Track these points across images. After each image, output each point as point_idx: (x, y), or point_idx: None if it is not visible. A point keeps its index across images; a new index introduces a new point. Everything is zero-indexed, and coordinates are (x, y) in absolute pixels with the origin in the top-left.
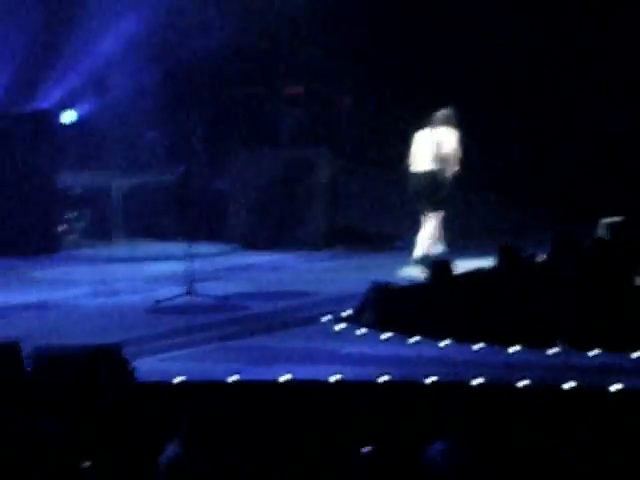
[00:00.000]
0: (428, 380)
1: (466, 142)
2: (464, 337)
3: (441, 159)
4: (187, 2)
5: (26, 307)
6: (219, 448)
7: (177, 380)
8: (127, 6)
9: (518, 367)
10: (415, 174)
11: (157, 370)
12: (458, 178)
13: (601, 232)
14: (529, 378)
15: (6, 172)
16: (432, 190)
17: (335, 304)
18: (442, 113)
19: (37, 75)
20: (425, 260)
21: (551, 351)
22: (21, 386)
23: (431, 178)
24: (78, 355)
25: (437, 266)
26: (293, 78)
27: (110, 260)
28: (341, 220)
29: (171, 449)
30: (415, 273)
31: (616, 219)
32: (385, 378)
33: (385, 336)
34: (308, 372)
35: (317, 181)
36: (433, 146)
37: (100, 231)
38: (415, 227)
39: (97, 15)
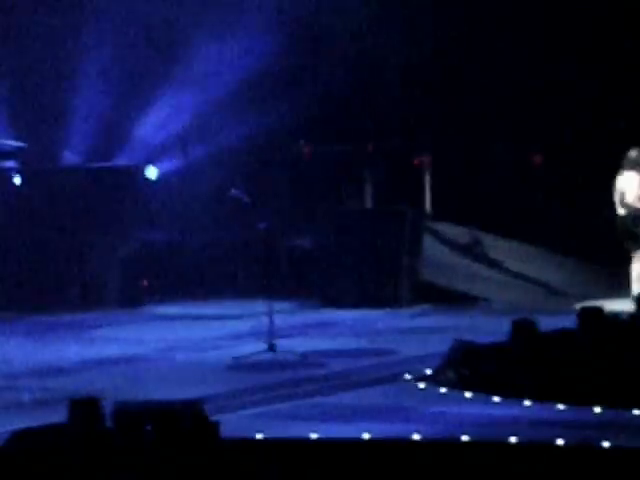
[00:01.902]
0: (512, 440)
1: None
2: (547, 397)
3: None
4: (276, 56)
5: (108, 362)
6: None
7: (258, 437)
8: (210, 66)
9: (602, 427)
10: (620, 215)
11: (237, 427)
12: None
13: None
14: (613, 439)
15: (89, 226)
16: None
17: (417, 362)
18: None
19: (123, 131)
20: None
21: (637, 412)
22: (102, 442)
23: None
24: (159, 410)
25: (518, 325)
26: (376, 135)
27: (190, 316)
28: (425, 278)
29: None
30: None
31: None
32: (466, 437)
33: (467, 395)
34: (388, 430)
35: (401, 238)
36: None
37: (179, 286)
38: (499, 289)
39: (184, 75)
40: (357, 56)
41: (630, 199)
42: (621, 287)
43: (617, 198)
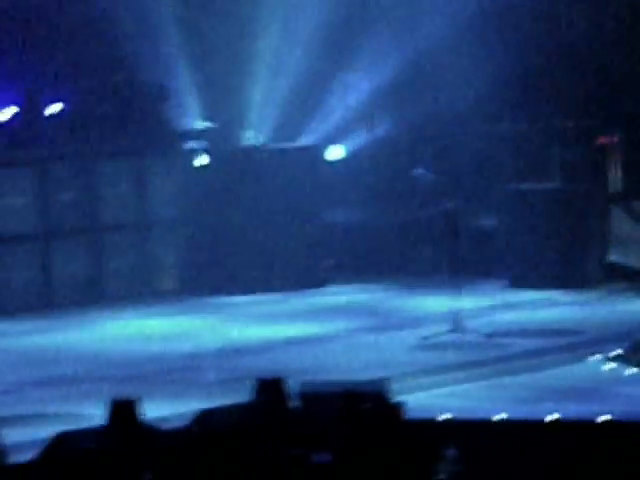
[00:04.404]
0: None
1: None
2: None
3: None
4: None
5: (295, 341)
6: None
7: (443, 417)
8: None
9: None
10: None
11: (422, 407)
12: None
13: None
14: None
15: (272, 205)
16: None
17: (606, 343)
18: None
19: (306, 110)
20: None
21: None
22: (286, 422)
23: None
24: (344, 391)
25: None
26: (558, 112)
27: (374, 294)
28: (613, 258)
29: None
30: None
31: None
32: None
33: None
34: (576, 411)
35: (588, 218)
36: None
37: (362, 267)
38: None
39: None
40: (543, 35)
41: None
42: None
43: None
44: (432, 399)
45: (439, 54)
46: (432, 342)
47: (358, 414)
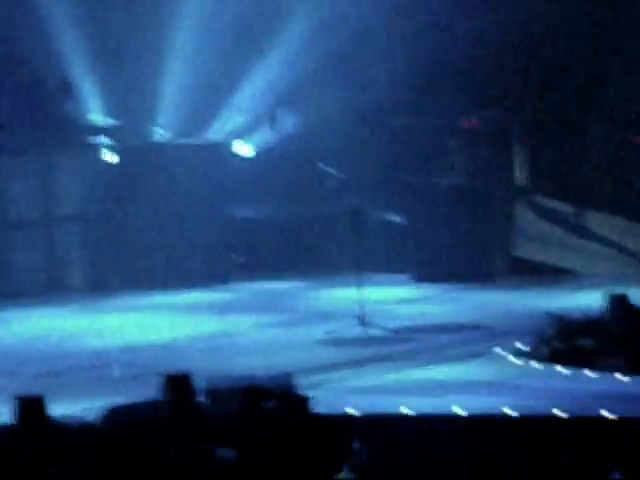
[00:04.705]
0: (605, 414)
1: None
2: None
3: None
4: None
5: (201, 338)
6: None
7: (349, 412)
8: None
9: None
10: None
11: (327, 402)
12: None
13: None
14: None
15: (180, 202)
16: None
17: (510, 337)
18: None
19: (213, 106)
20: None
21: None
22: (193, 418)
23: None
24: (249, 387)
25: (615, 299)
26: (468, 108)
27: (279, 290)
28: (519, 252)
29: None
30: None
31: None
32: (559, 412)
33: (560, 370)
34: (480, 405)
35: (493, 213)
36: None
37: (269, 263)
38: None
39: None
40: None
41: None
42: None
43: None
44: (337, 394)
45: (344, 49)
46: (337, 337)
47: (263, 410)
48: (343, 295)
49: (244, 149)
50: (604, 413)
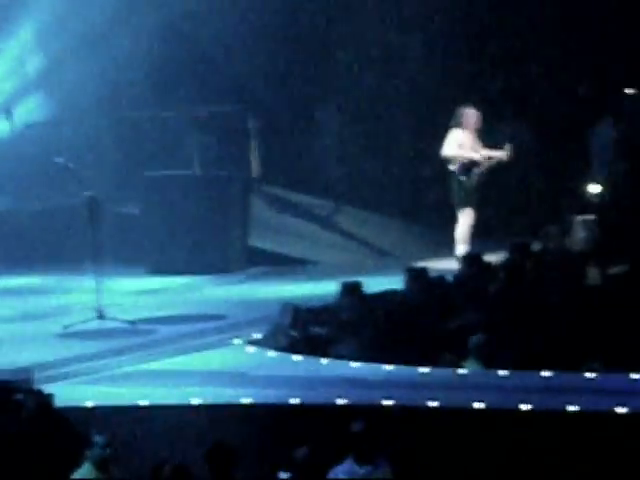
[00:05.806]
0: (339, 401)
1: None
2: (376, 358)
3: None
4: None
5: None
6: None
7: (89, 404)
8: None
9: (429, 387)
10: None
11: (67, 395)
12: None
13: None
14: (442, 399)
15: None
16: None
17: (246, 327)
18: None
19: None
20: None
21: (461, 371)
22: None
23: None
24: None
25: (347, 287)
26: (199, 100)
27: (16, 284)
28: (254, 242)
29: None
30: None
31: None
32: (296, 400)
33: (296, 358)
34: (219, 394)
35: (229, 204)
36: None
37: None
38: (327, 251)
39: None
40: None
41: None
42: (448, 247)
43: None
44: (77, 387)
45: (79, 43)
46: (75, 330)
47: (6, 405)
48: (81, 288)
49: None
50: (339, 401)
